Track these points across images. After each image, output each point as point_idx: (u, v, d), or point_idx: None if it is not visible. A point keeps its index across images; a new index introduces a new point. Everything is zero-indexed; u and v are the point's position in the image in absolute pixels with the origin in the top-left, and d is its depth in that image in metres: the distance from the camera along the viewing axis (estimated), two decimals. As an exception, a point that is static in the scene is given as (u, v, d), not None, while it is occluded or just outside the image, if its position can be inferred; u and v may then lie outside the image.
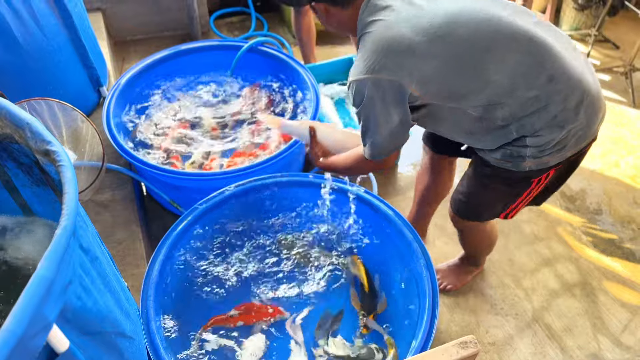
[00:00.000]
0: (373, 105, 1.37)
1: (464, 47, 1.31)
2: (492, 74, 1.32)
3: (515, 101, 1.34)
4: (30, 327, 0.83)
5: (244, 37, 3.59)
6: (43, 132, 1.11)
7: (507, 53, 1.31)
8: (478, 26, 1.32)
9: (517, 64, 1.31)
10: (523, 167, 1.45)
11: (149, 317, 1.55)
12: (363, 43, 1.39)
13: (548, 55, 1.32)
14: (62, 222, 0.96)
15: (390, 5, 1.38)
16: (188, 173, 2.11)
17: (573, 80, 1.34)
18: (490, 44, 1.31)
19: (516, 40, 1.31)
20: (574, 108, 1.35)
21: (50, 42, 2.19)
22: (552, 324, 2.06)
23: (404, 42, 1.31)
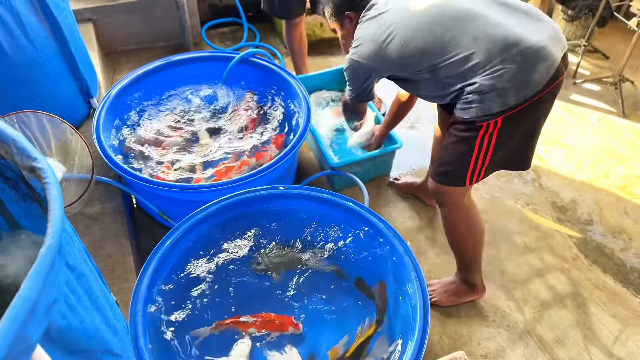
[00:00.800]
0: (356, 77, 1.89)
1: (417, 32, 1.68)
2: (428, 46, 1.66)
3: (449, 62, 1.64)
4: (12, 349, 0.81)
5: (235, 47, 3.59)
6: (29, 148, 1.10)
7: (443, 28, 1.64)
8: (443, 10, 1.68)
9: (445, 32, 1.64)
10: (471, 113, 1.64)
11: (137, 333, 1.53)
12: (358, 34, 1.83)
13: (474, 22, 1.61)
14: (46, 241, 0.95)
15: (380, 10, 1.79)
16: (178, 185, 2.09)
17: (497, 37, 1.57)
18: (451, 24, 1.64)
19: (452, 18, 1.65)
20: (500, 59, 1.56)
21: (40, 54, 2.18)
22: (543, 336, 2.06)
23: (377, 34, 1.75)
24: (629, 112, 3.19)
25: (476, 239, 1.98)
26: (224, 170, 2.37)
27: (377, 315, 1.83)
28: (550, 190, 2.68)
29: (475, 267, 2.05)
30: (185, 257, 1.87)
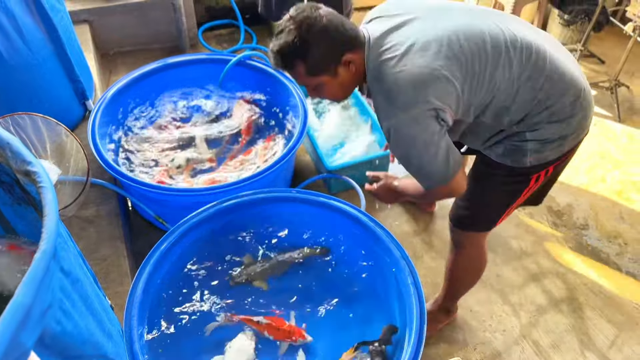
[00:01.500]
0: (418, 140, 1.34)
1: (475, 63, 1.34)
2: (500, 82, 1.37)
3: (519, 104, 1.40)
4: (6, 356, 0.81)
5: (232, 49, 3.58)
6: (23, 152, 1.09)
7: (509, 60, 1.36)
8: (479, 40, 1.36)
9: (519, 70, 1.37)
10: (524, 162, 1.47)
11: (133, 337, 1.52)
12: (382, 87, 1.35)
13: (544, 58, 1.38)
14: (41, 246, 0.94)
15: (391, 41, 1.37)
16: (173, 189, 2.08)
17: (567, 78, 1.40)
18: (495, 56, 1.36)
19: (515, 46, 1.37)
20: (570, 104, 1.41)
21: (35, 56, 2.16)
22: (539, 340, 2.06)
23: (428, 73, 1.30)
24: (624, 116, 3.20)
25: (479, 276, 1.93)
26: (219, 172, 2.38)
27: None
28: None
29: (461, 296, 2.02)
30: (181, 261, 1.86)
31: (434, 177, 1.41)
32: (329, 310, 1.88)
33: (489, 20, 1.41)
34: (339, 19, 1.38)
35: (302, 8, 1.36)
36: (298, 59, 1.36)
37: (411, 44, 1.33)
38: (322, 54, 1.35)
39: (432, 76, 1.30)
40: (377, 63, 1.36)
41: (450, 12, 1.43)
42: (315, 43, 1.33)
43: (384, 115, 1.37)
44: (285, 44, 1.34)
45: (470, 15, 1.43)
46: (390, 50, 1.35)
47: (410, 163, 1.41)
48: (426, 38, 1.34)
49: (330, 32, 1.34)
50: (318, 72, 1.39)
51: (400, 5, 1.47)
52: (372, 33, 1.40)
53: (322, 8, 1.38)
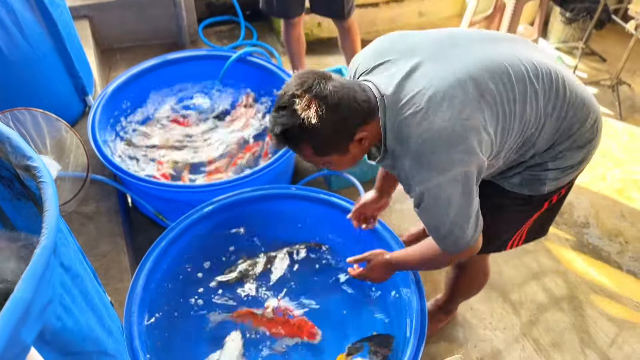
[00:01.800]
0: (454, 202, 1.19)
1: (504, 104, 1.21)
2: (529, 117, 1.25)
3: (544, 137, 1.31)
4: (6, 352, 0.80)
5: (232, 46, 3.57)
6: (24, 146, 1.08)
7: (535, 92, 1.25)
8: (505, 77, 1.21)
9: (545, 102, 1.27)
10: (542, 190, 1.39)
11: (133, 334, 1.52)
12: (408, 147, 1.17)
13: (564, 85, 1.29)
14: (41, 241, 0.93)
15: (409, 93, 1.17)
16: (173, 185, 2.08)
17: (587, 102, 1.32)
18: (522, 90, 1.23)
19: (538, 77, 1.25)
20: (590, 127, 1.34)
21: (35, 51, 2.15)
22: (540, 339, 2.05)
23: (460, 125, 1.14)
24: (626, 114, 3.19)
25: (482, 288, 1.88)
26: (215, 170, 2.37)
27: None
28: (547, 192, 2.68)
29: (463, 301, 2.02)
30: (180, 258, 1.85)
31: (461, 241, 1.25)
32: (326, 308, 1.87)
33: (503, 49, 1.26)
34: (351, 90, 1.15)
35: (308, 79, 1.13)
36: (304, 141, 1.17)
37: (432, 94, 1.15)
38: (332, 135, 1.15)
39: (465, 129, 1.13)
40: (397, 123, 1.17)
41: (459, 45, 1.26)
42: (323, 127, 1.12)
43: (417, 180, 1.18)
44: (290, 127, 1.13)
45: (483, 46, 1.26)
46: (409, 106, 1.16)
47: (441, 227, 1.23)
48: (447, 84, 1.16)
49: (342, 111, 1.13)
50: (327, 153, 1.22)
51: (399, 45, 1.27)
52: (383, 89, 1.19)
53: (332, 78, 1.15)
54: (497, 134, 1.21)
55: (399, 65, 1.22)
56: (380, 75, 1.23)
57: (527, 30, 3.40)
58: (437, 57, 1.21)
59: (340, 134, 1.17)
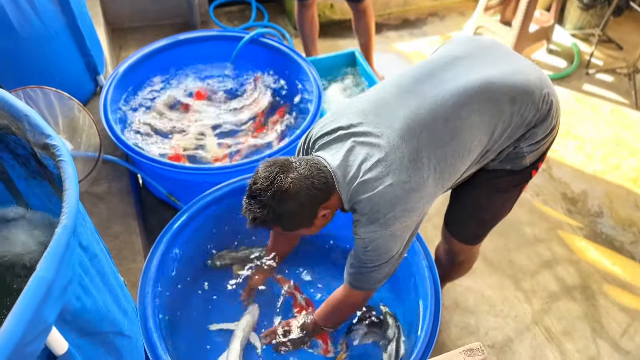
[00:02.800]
0: (390, 251, 1.32)
1: (438, 148, 1.29)
2: (472, 145, 1.33)
3: (498, 140, 1.37)
4: (29, 331, 0.79)
5: (244, 27, 3.53)
6: (42, 125, 1.06)
7: (472, 119, 1.31)
8: (435, 120, 1.29)
9: (484, 118, 1.32)
10: (525, 163, 1.46)
11: (147, 314, 1.52)
12: (361, 209, 1.28)
13: (500, 89, 1.32)
14: (62, 221, 0.92)
15: (354, 166, 1.28)
16: (185, 166, 2.06)
17: (529, 89, 1.34)
18: (453, 125, 1.30)
19: (469, 102, 1.30)
20: (543, 103, 1.36)
21: (48, 29, 2.13)
22: (551, 327, 2.05)
23: (401, 189, 1.25)
24: (641, 104, 3.15)
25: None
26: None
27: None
28: (560, 181, 2.65)
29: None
30: (193, 239, 1.84)
31: (372, 281, 1.40)
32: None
33: (428, 90, 1.33)
34: (309, 177, 1.27)
35: (272, 173, 1.25)
36: (273, 224, 1.33)
37: (372, 164, 1.26)
38: (295, 218, 1.31)
39: (405, 191, 1.25)
40: (350, 193, 1.29)
41: (390, 105, 1.33)
42: (287, 213, 1.27)
43: (362, 231, 1.30)
44: (260, 215, 1.28)
45: (409, 98, 1.33)
46: (355, 176, 1.28)
47: (364, 263, 1.35)
48: (385, 152, 1.26)
49: (302, 199, 1.26)
50: (295, 229, 1.37)
51: (344, 113, 1.36)
52: (332, 163, 1.30)
53: (293, 169, 1.27)
54: (441, 177, 1.31)
55: (343, 137, 1.33)
56: (329, 149, 1.35)
57: (543, 16, 3.34)
58: (374, 123, 1.31)
59: (303, 216, 1.31)
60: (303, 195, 1.26)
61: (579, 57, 3.41)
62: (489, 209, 1.59)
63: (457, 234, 1.68)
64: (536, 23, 3.25)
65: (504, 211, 1.62)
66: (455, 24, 3.73)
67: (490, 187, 1.52)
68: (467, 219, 1.64)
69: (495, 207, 1.59)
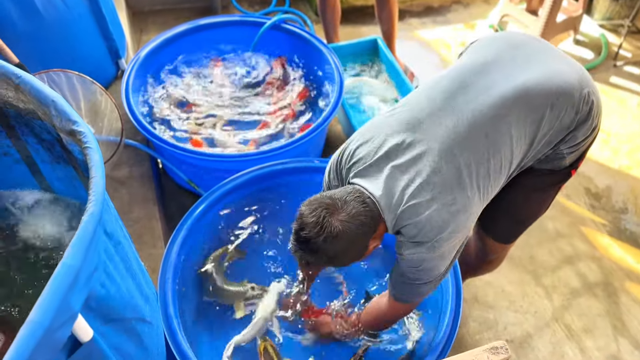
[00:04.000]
0: (436, 271, 1.28)
1: (479, 164, 1.24)
2: (513, 155, 1.29)
3: (537, 147, 1.33)
4: (56, 318, 0.79)
5: (264, 12, 3.49)
6: (69, 111, 1.06)
7: (511, 132, 1.26)
8: (471, 137, 1.24)
9: (523, 128, 1.28)
10: (564, 164, 1.42)
11: (167, 301, 1.52)
12: (408, 235, 1.24)
13: (533, 93, 1.27)
14: (89, 208, 0.92)
15: (396, 192, 1.23)
16: (206, 153, 2.06)
17: (570, 89, 1.29)
18: (493, 140, 1.25)
19: (506, 113, 1.26)
20: (584, 104, 1.31)
21: (71, 12, 2.13)
22: (571, 324, 2.02)
23: (446, 211, 1.20)
24: (670, 98, 3.06)
25: None
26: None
27: None
28: (584, 175, 2.60)
29: None
30: (214, 226, 1.85)
31: (417, 294, 1.36)
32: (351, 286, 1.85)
33: (463, 104, 1.26)
34: (357, 215, 1.21)
35: (319, 217, 1.20)
36: (326, 264, 1.37)
37: (415, 188, 1.21)
38: (348, 255, 1.28)
39: (451, 213, 1.21)
40: (395, 220, 1.25)
41: (424, 122, 1.26)
42: (340, 253, 1.24)
43: (409, 253, 1.26)
44: (314, 260, 1.28)
45: (443, 115, 1.26)
46: (398, 203, 1.23)
47: (410, 280, 1.31)
48: (426, 174, 1.21)
49: (352, 237, 1.22)
50: (347, 264, 1.36)
51: (372, 139, 1.30)
52: (375, 192, 1.24)
53: (338, 208, 1.21)
54: (485, 192, 1.27)
55: (381, 162, 1.27)
56: (367, 177, 1.28)
57: (572, 6, 3.25)
58: (411, 145, 1.24)
59: (355, 251, 1.28)
60: (353, 234, 1.21)
61: (606, 48, 3.32)
62: (525, 208, 1.56)
63: (492, 233, 1.65)
64: (564, 13, 3.17)
65: (540, 210, 1.58)
66: (480, 12, 3.65)
67: (528, 187, 1.49)
68: (503, 218, 1.60)
69: (531, 206, 1.56)
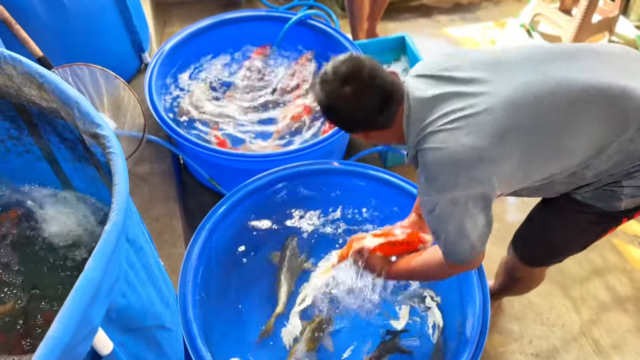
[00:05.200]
0: (455, 220, 1.19)
1: (536, 132, 1.16)
2: (574, 147, 1.18)
3: (605, 160, 1.20)
4: (76, 334, 0.76)
5: (288, 6, 3.44)
6: (93, 113, 1.03)
7: (584, 121, 1.16)
8: (542, 105, 1.15)
9: (599, 127, 1.16)
10: (617, 207, 1.28)
11: (187, 305, 1.50)
12: (424, 162, 1.19)
13: (630, 103, 1.15)
14: (112, 218, 0.89)
15: (437, 112, 1.17)
16: (229, 152, 2.02)
17: None
18: (562, 117, 1.15)
19: (592, 101, 1.15)
20: None
21: (95, 4, 2.11)
22: (600, 339, 1.95)
23: (472, 154, 1.13)
24: None
25: (532, 288, 1.79)
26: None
27: None
28: (616, 183, 2.51)
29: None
30: (236, 227, 1.82)
31: (460, 255, 1.25)
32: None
33: (554, 71, 1.18)
34: (386, 78, 1.19)
35: (349, 62, 1.18)
36: (332, 119, 1.28)
37: (458, 117, 1.15)
38: (357, 111, 1.21)
39: (474, 158, 1.13)
40: (420, 138, 1.20)
41: (503, 69, 1.21)
42: (354, 106, 1.19)
43: (421, 191, 1.23)
44: (321, 104, 1.24)
45: (528, 69, 1.20)
46: (435, 123, 1.18)
47: (439, 237, 1.25)
48: (477, 111, 1.15)
49: (368, 87, 1.18)
50: (350, 129, 1.30)
51: (449, 59, 1.27)
52: (414, 93, 1.21)
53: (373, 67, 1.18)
54: (528, 163, 1.18)
55: (445, 79, 1.22)
56: (422, 82, 1.24)
57: (608, 6, 3.13)
58: (483, 79, 1.19)
59: (361, 113, 1.21)
60: (372, 87, 1.17)
61: (642, 50, 3.20)
62: (559, 238, 1.44)
63: (519, 251, 1.56)
64: (599, 13, 3.06)
65: (575, 247, 1.47)
66: (511, 11, 3.54)
67: (570, 217, 1.37)
68: (533, 240, 1.51)
69: (567, 239, 1.44)
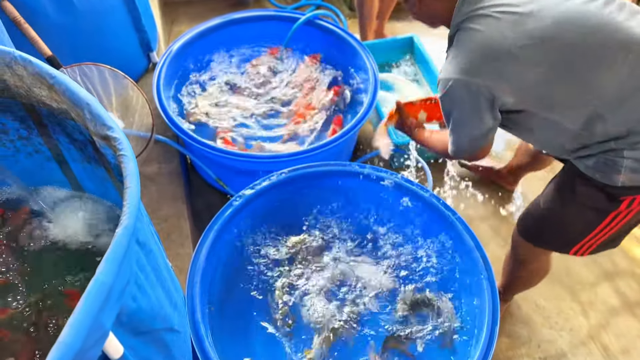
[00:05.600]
0: (462, 106, 1.31)
1: (572, 54, 1.20)
2: (600, 85, 1.20)
3: (620, 117, 1.22)
4: (88, 339, 0.76)
5: (296, 6, 3.43)
6: (104, 115, 1.02)
7: (619, 64, 1.19)
8: (589, 32, 1.20)
9: (629, 76, 1.19)
10: (615, 180, 1.27)
11: (195, 306, 1.49)
12: (459, 39, 1.29)
13: None
14: (123, 221, 0.88)
15: (494, 0, 1.26)
16: (236, 153, 2.01)
17: None
18: (601, 52, 1.20)
19: (631, 50, 1.18)
20: None
21: (104, 3, 2.11)
22: (609, 344, 1.94)
23: (505, 46, 1.21)
24: None
25: (537, 282, 1.81)
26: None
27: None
28: (625, 186, 2.49)
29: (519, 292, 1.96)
30: (244, 228, 1.81)
31: (463, 147, 1.41)
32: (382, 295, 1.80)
33: (612, 12, 1.22)
34: None
35: None
36: None
37: (510, 11, 1.23)
38: None
39: (509, 52, 1.21)
40: (469, 12, 1.28)
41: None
42: None
43: (443, 69, 1.33)
44: None
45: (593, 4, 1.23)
46: (487, 8, 1.25)
47: (449, 121, 1.38)
48: (528, 10, 1.22)
49: None
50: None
51: None
52: None
53: None
54: (545, 80, 1.22)
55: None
56: None
57: None
58: None
59: None
60: None
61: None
62: (557, 210, 1.45)
63: (519, 223, 1.64)
64: None
65: (571, 227, 1.46)
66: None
67: (569, 188, 1.39)
68: (533, 210, 1.56)
69: (564, 213, 1.44)
